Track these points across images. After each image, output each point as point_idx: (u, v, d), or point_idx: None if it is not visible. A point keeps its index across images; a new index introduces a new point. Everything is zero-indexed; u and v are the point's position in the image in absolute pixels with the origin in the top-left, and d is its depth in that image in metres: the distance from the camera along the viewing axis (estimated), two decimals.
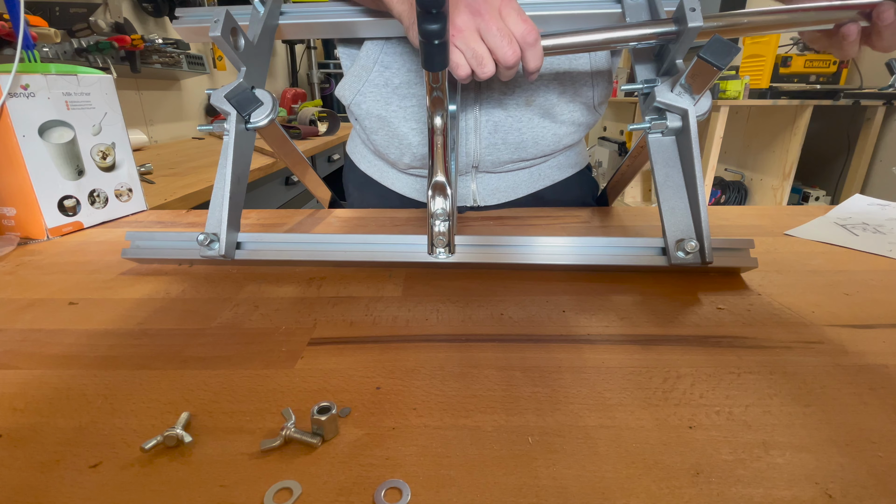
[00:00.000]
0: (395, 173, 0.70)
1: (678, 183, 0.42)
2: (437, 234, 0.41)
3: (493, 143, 0.62)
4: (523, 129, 0.61)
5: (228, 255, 0.43)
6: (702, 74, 0.38)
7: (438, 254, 0.42)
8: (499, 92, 0.59)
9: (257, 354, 0.31)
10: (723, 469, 0.22)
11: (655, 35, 0.43)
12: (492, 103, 0.60)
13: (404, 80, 0.61)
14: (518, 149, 0.63)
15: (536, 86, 0.59)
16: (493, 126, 0.61)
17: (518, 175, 0.67)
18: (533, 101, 0.60)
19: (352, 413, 0.26)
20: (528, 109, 0.60)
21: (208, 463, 0.23)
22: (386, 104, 0.62)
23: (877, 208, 0.62)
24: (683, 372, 0.29)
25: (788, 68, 2.29)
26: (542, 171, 0.68)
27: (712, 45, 0.36)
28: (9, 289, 0.42)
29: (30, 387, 0.28)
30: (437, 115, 0.41)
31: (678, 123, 0.42)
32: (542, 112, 0.61)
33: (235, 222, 0.45)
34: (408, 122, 0.62)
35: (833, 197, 2.46)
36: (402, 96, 0.61)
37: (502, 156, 0.63)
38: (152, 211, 0.68)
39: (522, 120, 0.61)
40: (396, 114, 0.62)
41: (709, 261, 0.39)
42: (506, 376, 0.29)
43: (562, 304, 0.38)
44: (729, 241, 0.42)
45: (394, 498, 0.20)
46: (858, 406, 0.26)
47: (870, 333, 0.33)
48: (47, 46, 1.19)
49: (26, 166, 0.52)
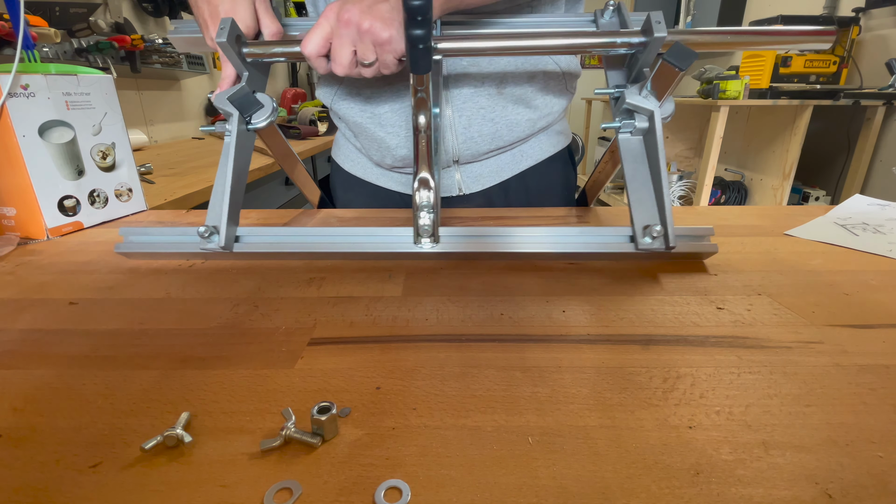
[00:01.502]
0: (379, 171, 0.71)
1: (645, 177, 0.46)
2: (422, 225, 0.44)
3: (469, 138, 0.63)
4: (497, 118, 0.63)
5: (228, 246, 0.44)
6: (665, 77, 0.42)
7: (423, 244, 0.45)
8: (469, 87, 0.61)
9: (257, 354, 0.31)
10: (723, 469, 0.22)
11: (626, 44, 0.46)
12: (462, 99, 0.61)
13: (375, 91, 0.62)
14: (494, 138, 0.64)
15: (506, 74, 0.61)
16: (466, 121, 0.62)
17: (500, 159, 0.67)
18: (504, 89, 0.61)
19: (352, 413, 0.26)
20: (500, 98, 0.62)
21: (208, 463, 0.23)
22: (361, 111, 0.64)
23: (877, 208, 0.62)
24: (683, 372, 0.29)
25: (788, 68, 2.29)
26: (524, 151, 0.68)
27: (674, 50, 0.40)
28: (9, 289, 0.42)
29: (30, 387, 0.28)
30: (421, 115, 0.45)
31: (645, 124, 0.46)
32: (514, 99, 0.62)
33: (235, 217, 0.46)
34: (384, 127, 0.63)
35: (833, 197, 2.46)
36: (375, 104, 0.63)
37: (480, 147, 0.64)
38: (152, 211, 0.68)
39: (496, 110, 0.62)
40: (371, 121, 0.63)
41: (672, 245, 0.43)
42: (506, 376, 0.29)
43: (562, 304, 0.38)
44: (691, 229, 0.46)
45: (394, 498, 0.20)
46: (858, 406, 0.26)
47: (870, 333, 0.33)
48: (47, 46, 1.19)
49: (26, 166, 0.52)
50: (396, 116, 0.62)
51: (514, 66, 0.61)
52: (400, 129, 0.63)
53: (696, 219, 0.61)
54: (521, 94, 0.62)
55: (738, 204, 2.68)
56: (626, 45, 0.46)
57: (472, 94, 0.61)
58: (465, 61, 0.60)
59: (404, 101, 0.62)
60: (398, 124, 0.63)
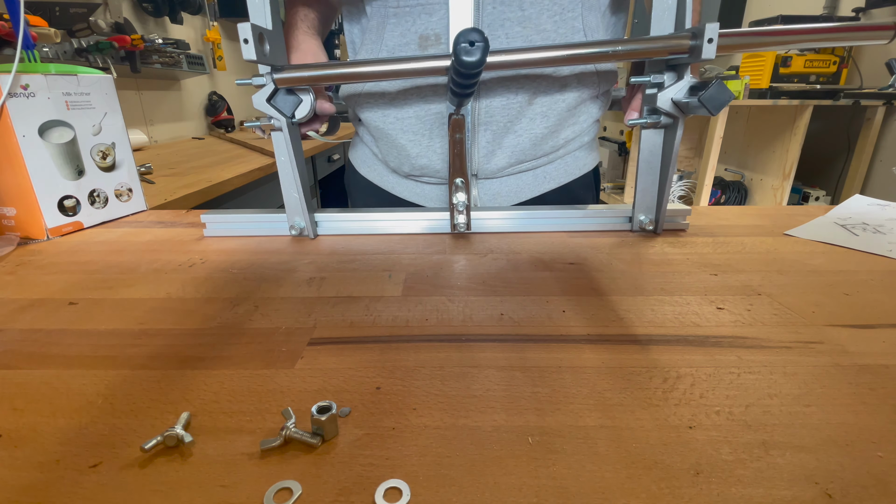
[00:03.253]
0: (395, 178, 0.70)
1: (655, 170, 0.53)
2: (458, 224, 0.55)
3: (490, 152, 0.61)
4: (521, 131, 0.61)
5: (314, 233, 0.56)
6: (697, 108, 0.44)
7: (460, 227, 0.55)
8: (500, 97, 0.58)
9: (257, 354, 0.31)
10: (723, 469, 0.22)
11: (668, 50, 0.46)
12: (489, 112, 0.59)
13: (400, 91, 0.60)
14: (515, 151, 0.62)
15: (538, 83, 0.59)
16: (491, 135, 0.60)
17: (521, 178, 0.65)
18: (535, 98, 0.59)
19: (352, 413, 0.26)
20: (529, 108, 0.59)
21: (208, 463, 0.23)
22: (383, 116, 0.62)
23: (877, 208, 0.62)
24: (683, 372, 0.29)
25: (788, 68, 2.29)
26: (548, 172, 0.66)
27: (712, 93, 0.42)
28: (9, 289, 0.42)
29: (30, 387, 0.28)
30: (457, 134, 0.51)
31: (670, 122, 0.50)
32: (542, 111, 0.60)
33: (312, 205, 0.56)
34: (405, 133, 0.62)
35: (833, 197, 2.46)
36: (399, 107, 0.61)
37: (500, 161, 0.62)
38: (152, 211, 0.68)
39: (522, 122, 0.60)
40: (394, 125, 0.62)
41: (659, 232, 0.55)
42: (506, 376, 0.29)
43: (562, 304, 0.38)
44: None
45: (394, 498, 0.20)
46: (858, 406, 0.26)
47: (870, 333, 0.33)
48: (47, 46, 1.19)
49: (26, 166, 0.52)
50: (421, 124, 0.61)
51: (548, 71, 0.58)
52: (422, 138, 0.62)
53: (696, 219, 0.61)
54: (550, 104, 0.60)
55: (738, 204, 2.68)
56: (667, 52, 0.46)
57: (502, 105, 0.59)
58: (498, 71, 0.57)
59: (430, 107, 0.60)
60: (421, 132, 0.61)
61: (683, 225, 0.57)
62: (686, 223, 0.57)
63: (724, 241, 0.52)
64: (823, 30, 0.49)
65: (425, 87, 0.59)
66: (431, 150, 0.62)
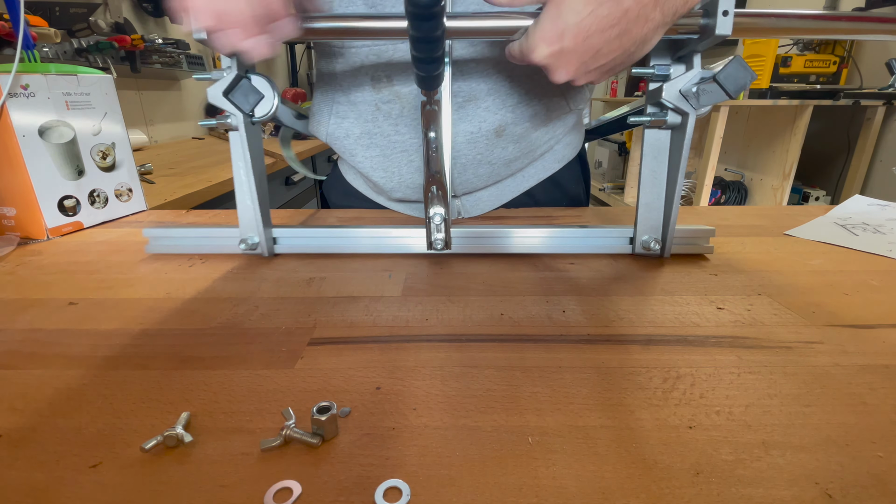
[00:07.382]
0: (382, 198, 0.68)
1: (661, 180, 0.46)
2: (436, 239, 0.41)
3: (466, 180, 0.59)
4: (494, 160, 0.58)
5: (269, 251, 0.48)
6: (712, 93, 0.39)
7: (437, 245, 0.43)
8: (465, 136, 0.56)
9: (257, 354, 0.31)
10: (723, 469, 0.22)
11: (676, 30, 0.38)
12: (456, 148, 0.56)
13: (364, 131, 0.58)
14: (491, 176, 0.60)
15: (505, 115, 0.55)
16: (461, 168, 0.58)
17: (500, 186, 0.64)
18: (504, 131, 0.56)
19: (352, 413, 0.26)
20: (498, 141, 0.57)
21: (208, 463, 0.23)
22: (351, 155, 0.60)
23: (877, 208, 0.62)
24: (683, 372, 0.29)
25: (788, 68, 2.29)
26: (528, 174, 0.64)
27: (730, 71, 0.36)
28: (9, 289, 0.42)
29: (30, 387, 0.28)
30: (431, 131, 0.44)
31: (678, 120, 0.43)
32: (514, 139, 0.57)
33: (267, 219, 0.48)
34: (376, 171, 0.60)
35: (833, 197, 2.46)
36: (365, 146, 0.59)
37: (477, 184, 0.61)
38: (152, 211, 0.68)
39: (494, 152, 0.57)
40: (363, 164, 0.60)
41: (667, 256, 0.47)
42: (506, 376, 0.29)
43: (562, 304, 0.38)
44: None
45: (394, 498, 0.20)
46: (858, 406, 0.26)
47: (870, 333, 0.33)
48: (47, 46, 1.19)
49: (26, 166, 0.52)
50: (387, 161, 0.59)
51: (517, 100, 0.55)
52: (392, 173, 0.59)
53: (696, 219, 0.61)
54: (521, 132, 0.57)
55: (738, 204, 2.68)
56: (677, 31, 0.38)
57: (467, 141, 0.56)
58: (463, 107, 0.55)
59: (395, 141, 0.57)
60: (390, 168, 0.59)
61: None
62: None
63: (723, 241, 0.52)
64: (854, 17, 0.43)
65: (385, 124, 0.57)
66: (404, 185, 0.60)
